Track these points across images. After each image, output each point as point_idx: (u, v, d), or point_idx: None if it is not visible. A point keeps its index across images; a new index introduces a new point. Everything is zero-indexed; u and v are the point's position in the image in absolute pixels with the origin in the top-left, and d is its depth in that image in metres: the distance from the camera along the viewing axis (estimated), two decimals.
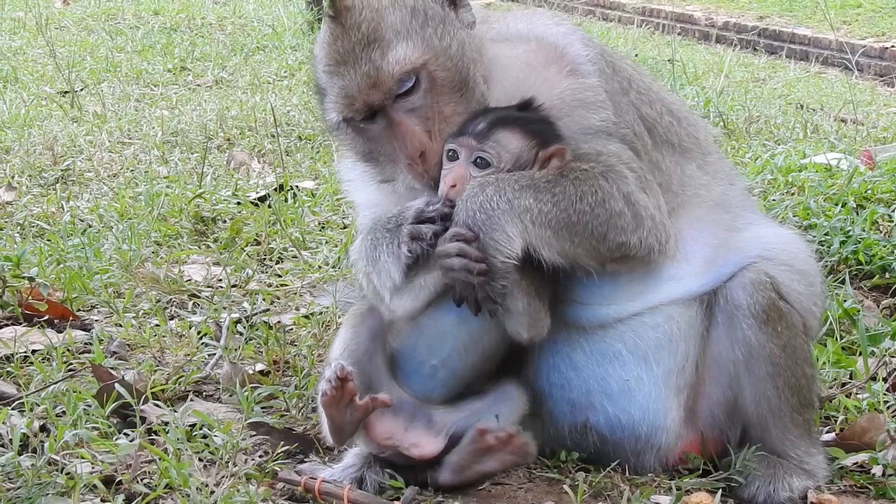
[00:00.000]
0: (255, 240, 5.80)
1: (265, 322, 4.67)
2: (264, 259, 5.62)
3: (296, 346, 4.49)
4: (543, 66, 3.57)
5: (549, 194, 3.31)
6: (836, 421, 3.99)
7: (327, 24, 3.44)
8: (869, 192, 5.94)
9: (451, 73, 3.42)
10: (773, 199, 5.94)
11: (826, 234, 5.40)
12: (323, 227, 6.07)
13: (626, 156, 3.49)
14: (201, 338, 4.53)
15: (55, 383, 3.95)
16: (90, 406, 3.78)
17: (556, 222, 3.31)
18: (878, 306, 5.03)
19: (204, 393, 4.14)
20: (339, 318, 4.74)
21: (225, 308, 4.83)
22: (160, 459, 3.40)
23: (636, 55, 12.54)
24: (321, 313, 4.81)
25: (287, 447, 3.61)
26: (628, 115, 3.61)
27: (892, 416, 3.93)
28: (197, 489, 3.27)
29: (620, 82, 3.66)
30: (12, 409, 3.78)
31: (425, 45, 3.40)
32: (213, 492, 3.27)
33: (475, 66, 3.47)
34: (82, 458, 3.44)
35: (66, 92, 9.52)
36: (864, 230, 5.42)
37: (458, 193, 3.34)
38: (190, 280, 5.24)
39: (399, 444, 3.44)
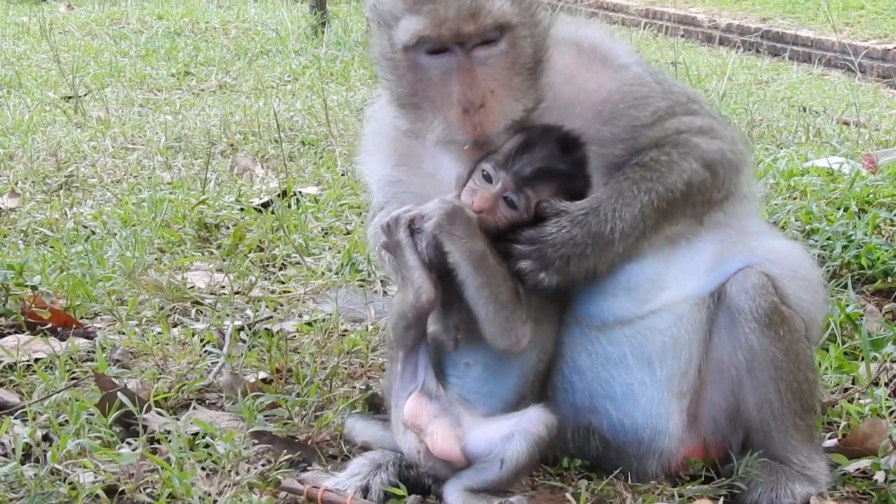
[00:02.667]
0: (258, 246, 5.80)
1: (268, 329, 4.67)
2: (267, 265, 5.62)
3: (299, 353, 4.48)
4: (588, 66, 3.59)
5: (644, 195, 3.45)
6: (838, 427, 3.99)
7: None
8: (871, 196, 5.95)
9: (531, 49, 3.43)
10: (776, 204, 5.94)
11: (828, 239, 5.40)
12: (326, 234, 6.07)
13: (684, 122, 3.57)
14: (204, 345, 4.52)
15: (58, 392, 3.95)
16: (93, 415, 3.77)
17: (656, 214, 3.46)
18: (881, 311, 5.03)
19: (207, 401, 4.13)
20: (342, 325, 4.76)
21: (228, 315, 4.83)
22: (163, 469, 3.40)
23: None
24: (324, 320, 4.81)
25: (290, 456, 3.60)
26: (676, 87, 3.68)
27: (895, 422, 3.92)
28: (199, 498, 3.27)
29: (655, 72, 3.72)
30: (15, 418, 3.78)
31: (522, 11, 3.41)
32: (215, 501, 3.27)
33: (546, 56, 3.49)
34: (85, 467, 3.44)
35: (69, 97, 9.54)
36: (866, 234, 5.42)
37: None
38: (193, 287, 5.23)
39: (423, 428, 3.41)
